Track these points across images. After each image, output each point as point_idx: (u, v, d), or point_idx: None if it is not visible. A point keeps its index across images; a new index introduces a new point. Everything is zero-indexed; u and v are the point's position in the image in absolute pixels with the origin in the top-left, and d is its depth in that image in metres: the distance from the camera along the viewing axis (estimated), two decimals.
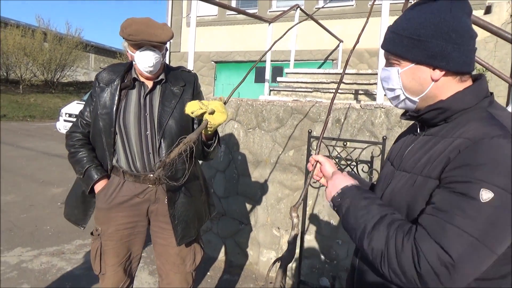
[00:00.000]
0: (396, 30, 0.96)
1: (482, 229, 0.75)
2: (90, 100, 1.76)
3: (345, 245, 2.96)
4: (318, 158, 1.23)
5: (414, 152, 0.97)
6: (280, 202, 3.22)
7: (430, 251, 0.77)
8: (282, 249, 3.23)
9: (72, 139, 1.79)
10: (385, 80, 1.00)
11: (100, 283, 1.84)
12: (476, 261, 0.76)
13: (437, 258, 0.76)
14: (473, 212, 0.76)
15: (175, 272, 1.82)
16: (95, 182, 1.72)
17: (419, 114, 0.97)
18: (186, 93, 1.76)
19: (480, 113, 0.88)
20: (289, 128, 3.14)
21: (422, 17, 0.91)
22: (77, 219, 1.84)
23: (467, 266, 0.76)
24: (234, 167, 3.41)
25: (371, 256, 0.87)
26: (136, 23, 1.54)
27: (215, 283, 3.10)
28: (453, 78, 0.92)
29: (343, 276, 2.97)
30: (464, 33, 0.89)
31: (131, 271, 1.87)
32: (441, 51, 0.88)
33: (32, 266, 3.18)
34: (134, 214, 1.76)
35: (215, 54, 9.56)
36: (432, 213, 0.82)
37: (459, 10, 0.90)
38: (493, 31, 2.42)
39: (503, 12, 4.89)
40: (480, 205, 0.75)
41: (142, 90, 1.72)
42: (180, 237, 1.76)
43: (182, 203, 1.75)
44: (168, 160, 1.22)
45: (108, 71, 1.74)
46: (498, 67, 4.47)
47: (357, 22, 7.63)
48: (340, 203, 1.00)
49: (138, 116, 1.69)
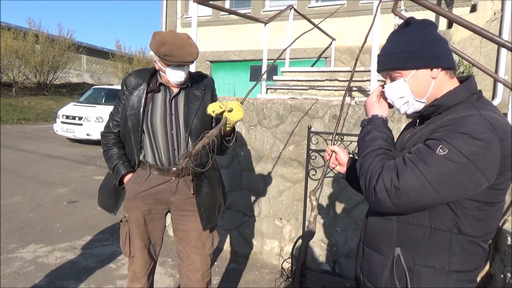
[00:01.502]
0: (388, 51, 1.19)
1: (430, 171, 0.99)
2: (119, 102, 1.96)
3: (343, 232, 3.17)
4: (333, 148, 1.48)
5: (412, 137, 1.20)
6: (282, 194, 3.42)
7: (388, 176, 1.03)
8: (284, 238, 3.43)
9: (105, 139, 2.01)
10: (393, 93, 1.20)
11: (129, 266, 2.04)
12: (418, 192, 1.00)
13: (390, 180, 1.02)
14: (429, 160, 1.00)
15: (196, 254, 2.03)
16: (123, 176, 1.94)
17: (421, 112, 1.20)
18: (207, 96, 1.99)
19: (467, 105, 1.10)
20: (289, 125, 3.33)
21: (406, 36, 1.16)
22: (109, 207, 2.06)
23: (410, 192, 1.00)
24: (237, 162, 3.60)
25: (358, 170, 1.16)
26: (169, 42, 1.72)
27: (223, 272, 3.29)
28: (445, 74, 1.15)
29: (343, 261, 3.19)
30: (442, 40, 1.14)
31: (155, 253, 2.09)
32: (432, 54, 1.12)
33: (48, 261, 3.35)
34: (155, 202, 1.97)
35: (210, 54, 9.72)
36: (404, 156, 1.06)
37: (430, 26, 1.16)
38: (476, 30, 2.62)
39: (488, 10, 5.13)
40: (435, 156, 0.99)
41: (167, 94, 1.93)
42: (206, 222, 1.98)
43: (206, 193, 1.97)
44: (193, 152, 1.43)
45: (135, 76, 1.93)
46: (483, 63, 4.71)
47: (349, 20, 7.85)
48: (365, 125, 1.27)
49: (164, 116, 1.90)
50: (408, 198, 1.01)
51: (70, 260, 3.39)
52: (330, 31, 7.23)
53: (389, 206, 1.04)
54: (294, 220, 3.38)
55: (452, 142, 0.99)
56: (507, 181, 1.05)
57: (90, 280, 3.04)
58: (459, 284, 1.09)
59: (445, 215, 1.08)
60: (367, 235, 1.27)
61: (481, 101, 1.11)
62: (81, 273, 3.15)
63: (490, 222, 1.09)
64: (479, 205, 1.05)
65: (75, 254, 3.52)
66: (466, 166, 0.98)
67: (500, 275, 2.56)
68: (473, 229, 1.07)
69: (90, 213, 4.70)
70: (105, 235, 3.99)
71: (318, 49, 8.21)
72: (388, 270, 1.16)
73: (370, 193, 1.07)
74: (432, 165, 0.99)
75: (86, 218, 4.50)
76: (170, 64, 1.77)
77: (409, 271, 1.12)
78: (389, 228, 1.17)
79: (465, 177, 0.98)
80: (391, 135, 1.24)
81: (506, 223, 2.69)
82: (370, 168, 1.09)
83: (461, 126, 1.01)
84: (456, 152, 0.98)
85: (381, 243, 1.20)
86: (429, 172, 0.99)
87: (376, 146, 1.16)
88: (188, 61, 1.77)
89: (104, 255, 3.51)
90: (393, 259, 1.15)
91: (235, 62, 9.51)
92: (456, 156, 0.98)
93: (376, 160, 1.11)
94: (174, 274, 3.21)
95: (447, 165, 0.98)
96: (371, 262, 1.23)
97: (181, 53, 1.73)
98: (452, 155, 0.98)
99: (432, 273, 1.10)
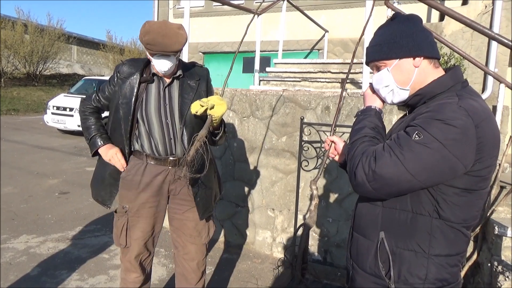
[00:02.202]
0: (374, 43, 1.24)
1: (406, 156, 1.03)
2: (108, 85, 1.96)
3: (335, 223, 3.21)
4: (333, 138, 1.51)
5: (398, 125, 1.25)
6: (274, 185, 3.44)
7: (366, 161, 1.09)
8: (277, 228, 3.47)
9: (84, 106, 2.04)
10: (379, 82, 1.24)
11: (123, 256, 2.03)
12: (394, 176, 1.04)
13: (368, 164, 1.08)
14: (405, 145, 1.05)
15: (191, 243, 2.05)
16: (98, 148, 1.96)
17: (406, 101, 1.23)
18: (201, 86, 1.99)
19: (450, 94, 1.13)
20: (282, 116, 3.35)
21: (391, 29, 1.21)
22: (103, 199, 2.04)
23: (387, 176, 1.05)
24: (230, 153, 3.61)
25: (346, 155, 1.25)
26: (153, 31, 1.70)
27: (216, 262, 3.32)
28: (429, 63, 1.18)
29: (334, 251, 3.23)
30: (425, 32, 1.19)
31: (152, 245, 2.09)
32: (414, 44, 1.16)
33: (40, 251, 3.34)
34: (157, 193, 1.97)
35: (203, 45, 9.66)
36: (384, 143, 1.11)
37: (415, 20, 1.21)
38: (467, 23, 2.65)
39: (479, 3, 5.16)
40: (411, 142, 1.04)
41: (161, 84, 1.92)
42: (202, 212, 2.00)
43: (201, 183, 1.98)
44: (189, 159, 1.47)
45: (128, 65, 1.92)
46: (474, 56, 4.75)
47: (342, 12, 7.85)
48: (359, 116, 1.32)
49: (158, 106, 1.89)
50: (385, 182, 1.06)
51: (62, 250, 3.38)
52: (322, 23, 7.22)
53: (369, 190, 1.09)
54: (286, 211, 3.41)
55: (427, 129, 1.03)
56: (486, 167, 1.07)
57: (82, 270, 3.04)
58: (440, 268, 1.13)
59: (425, 200, 1.11)
60: (356, 220, 1.31)
61: (465, 90, 1.14)
62: (74, 263, 3.15)
63: (470, 208, 1.11)
64: (458, 191, 1.08)
65: (67, 244, 3.51)
66: (441, 151, 1.01)
67: (488, 264, 2.62)
68: (452, 215, 1.10)
69: (82, 204, 4.68)
70: (97, 226, 3.99)
71: (311, 41, 8.21)
72: (373, 254, 1.21)
73: (352, 177, 1.13)
74: (407, 150, 1.04)
75: (78, 209, 4.48)
76: (153, 54, 1.77)
77: (392, 254, 1.16)
78: (375, 213, 1.22)
79: (440, 163, 1.02)
80: (381, 124, 1.27)
81: (494, 213, 2.75)
82: (354, 154, 1.15)
83: (438, 113, 1.04)
84: (430, 137, 1.02)
85: (367, 227, 1.24)
86: (404, 156, 1.03)
87: (362, 134, 1.21)
88: (170, 51, 1.74)
89: (97, 245, 3.51)
90: (377, 243, 1.20)
91: (228, 54, 9.47)
92: (431, 141, 1.01)
93: (360, 147, 1.16)
94: (167, 264, 3.23)
95: (421, 150, 1.02)
96: (358, 245, 1.28)
97: (164, 42, 1.71)
98: (427, 141, 1.02)
99: (414, 256, 1.14)
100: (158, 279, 2.97)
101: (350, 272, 1.33)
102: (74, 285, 2.82)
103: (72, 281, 2.88)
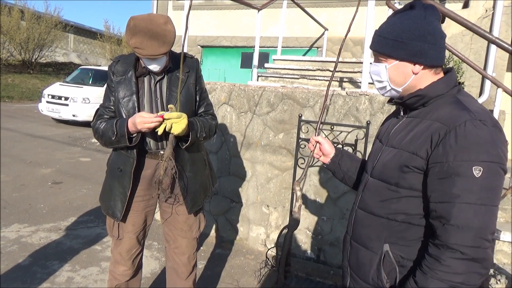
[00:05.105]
0: (382, 33, 1.18)
1: (482, 196, 0.98)
2: (108, 90, 1.91)
3: (329, 221, 3.22)
4: (318, 139, 1.47)
5: (399, 131, 1.21)
6: (270, 182, 3.44)
7: (474, 267, 0.99)
8: (271, 225, 3.46)
9: (97, 124, 1.88)
10: (374, 73, 1.22)
11: (114, 248, 2.02)
12: (486, 221, 0.98)
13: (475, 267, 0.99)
14: (470, 186, 0.99)
15: (182, 237, 2.04)
16: (127, 125, 1.75)
17: (403, 100, 1.20)
18: (190, 78, 1.94)
19: (450, 99, 1.12)
20: (280, 113, 3.34)
21: (403, 23, 1.14)
22: (113, 211, 1.93)
23: (477, 227, 0.98)
24: (226, 148, 3.60)
25: None
26: (140, 31, 1.63)
27: (208, 257, 3.31)
28: (429, 71, 1.16)
29: (327, 250, 3.24)
30: (437, 35, 1.13)
31: (143, 239, 2.08)
32: (420, 50, 1.12)
33: (31, 240, 3.32)
34: (149, 187, 1.95)
35: (202, 39, 9.60)
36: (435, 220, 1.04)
37: (431, 16, 1.13)
38: (468, 26, 2.65)
39: (480, 6, 5.18)
40: (476, 179, 0.99)
41: (152, 78, 1.89)
42: (190, 206, 1.98)
43: (189, 177, 1.96)
44: (160, 179, 1.71)
45: (121, 63, 1.89)
46: (473, 59, 4.76)
47: (342, 10, 7.83)
48: None
49: (150, 101, 1.88)
50: (492, 231, 1.01)
51: (54, 240, 3.36)
52: (322, 21, 7.20)
53: (492, 249, 1.02)
54: (281, 208, 3.41)
55: (479, 158, 1.00)
56: None
57: (74, 261, 3.02)
58: None
59: None
60: (355, 230, 1.28)
61: (461, 94, 1.15)
62: (66, 254, 3.13)
63: None
64: None
65: (59, 235, 3.49)
66: (495, 169, 1.01)
67: None
68: None
69: (75, 194, 4.65)
70: (90, 217, 3.96)
71: (310, 38, 8.19)
72: (376, 266, 1.18)
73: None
74: (476, 189, 1.00)
75: (71, 200, 4.45)
76: (141, 58, 1.75)
77: (399, 266, 1.14)
78: (378, 225, 1.19)
79: (502, 180, 1.03)
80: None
81: None
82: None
83: (466, 138, 1.01)
84: (489, 164, 1.00)
85: (370, 239, 1.21)
86: (479, 197, 1.00)
87: None
88: (159, 54, 1.69)
89: (89, 236, 3.49)
90: (381, 255, 1.17)
91: (226, 48, 9.42)
92: (491, 166, 1.00)
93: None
94: (159, 257, 3.22)
95: (491, 177, 1.00)
96: (359, 256, 1.25)
97: (152, 45, 1.65)
98: (490, 167, 1.00)
99: None
100: (150, 272, 2.96)
101: (348, 281, 1.31)
102: (65, 276, 2.81)
103: (63, 271, 2.86)
